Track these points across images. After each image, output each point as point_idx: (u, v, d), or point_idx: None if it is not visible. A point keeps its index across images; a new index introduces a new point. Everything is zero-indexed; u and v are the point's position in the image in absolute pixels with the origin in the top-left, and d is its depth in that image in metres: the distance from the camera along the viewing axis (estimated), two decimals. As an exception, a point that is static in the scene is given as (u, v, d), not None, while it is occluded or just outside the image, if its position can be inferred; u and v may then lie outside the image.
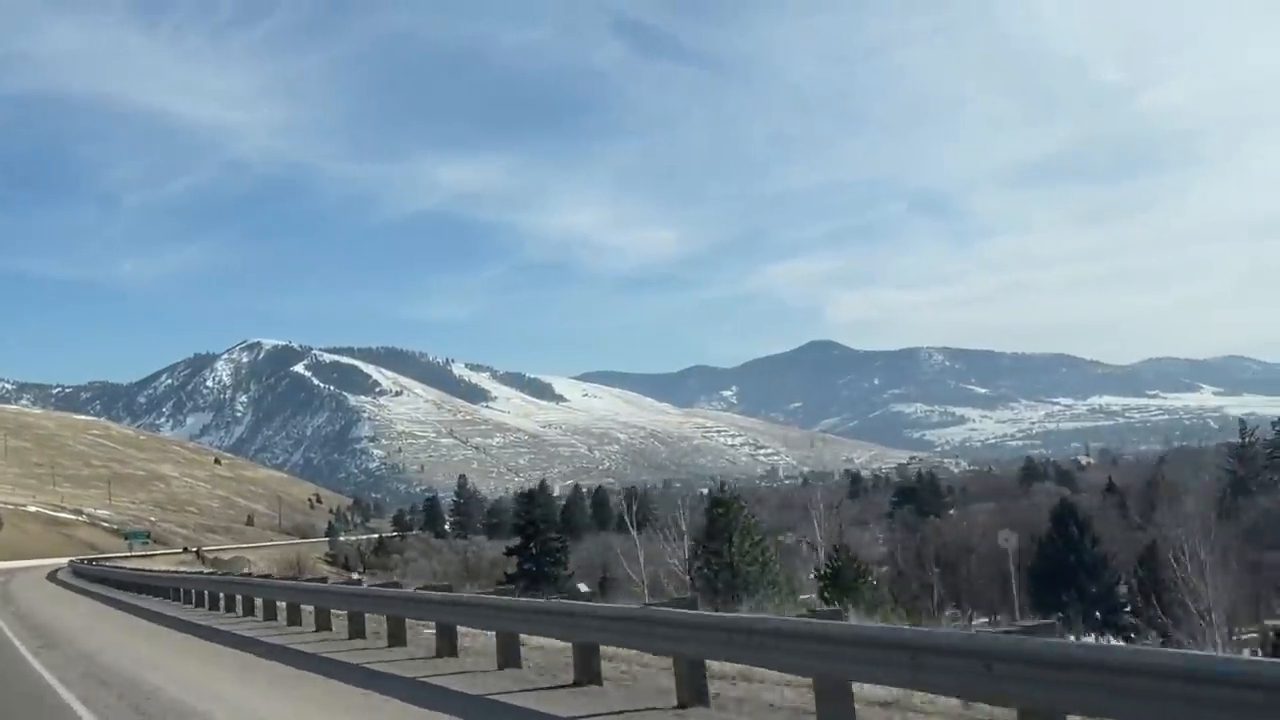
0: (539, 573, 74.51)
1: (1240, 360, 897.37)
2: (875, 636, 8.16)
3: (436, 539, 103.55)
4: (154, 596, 35.65)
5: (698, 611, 10.85)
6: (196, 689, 13.22)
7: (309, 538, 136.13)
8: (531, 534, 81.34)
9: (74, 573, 59.55)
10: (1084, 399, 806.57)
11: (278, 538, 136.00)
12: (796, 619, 10.02)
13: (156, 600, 34.11)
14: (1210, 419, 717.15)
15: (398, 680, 13.00)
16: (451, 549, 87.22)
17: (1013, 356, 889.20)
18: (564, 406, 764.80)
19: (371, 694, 12.10)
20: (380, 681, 12.92)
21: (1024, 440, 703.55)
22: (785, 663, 9.03)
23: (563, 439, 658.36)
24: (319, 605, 20.20)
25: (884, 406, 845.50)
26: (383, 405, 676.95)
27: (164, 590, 35.32)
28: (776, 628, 9.05)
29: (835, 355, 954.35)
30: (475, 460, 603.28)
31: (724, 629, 9.64)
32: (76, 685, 14.14)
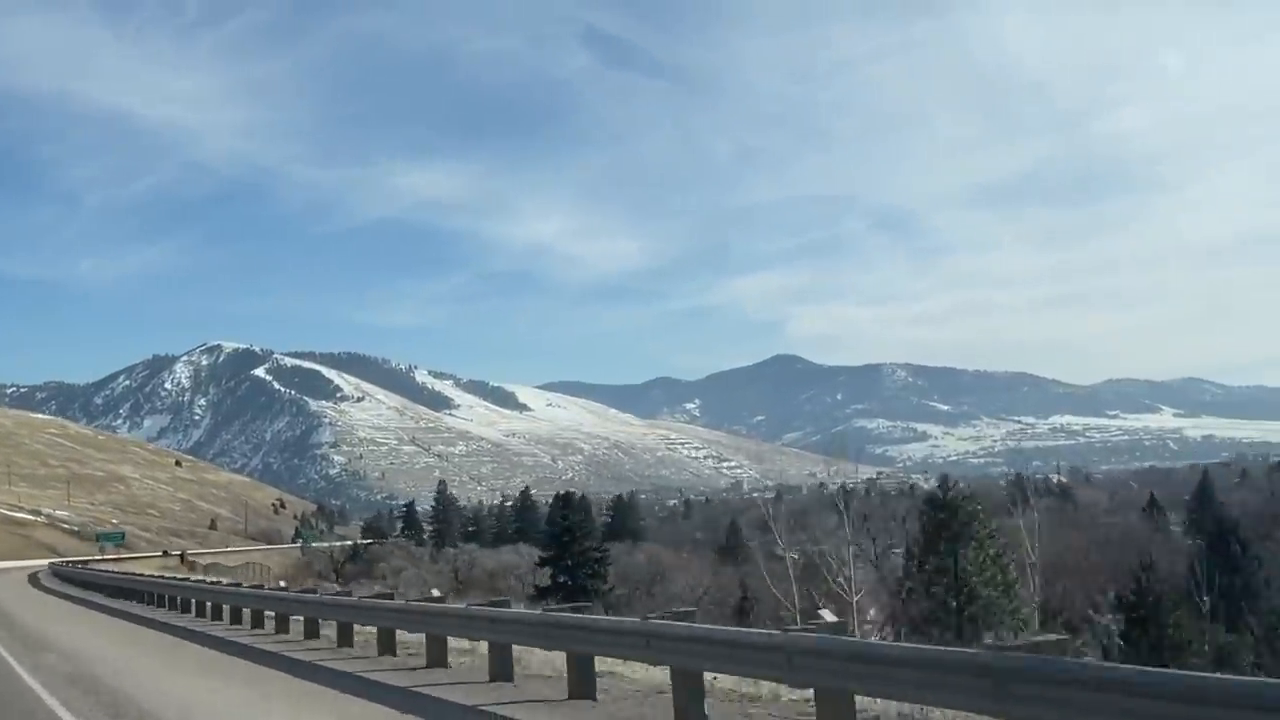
0: (575, 586, 68.82)
1: (1199, 383, 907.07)
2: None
3: (418, 547, 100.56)
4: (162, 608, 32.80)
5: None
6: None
7: (276, 543, 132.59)
8: (568, 543, 74.90)
9: (57, 576, 56.77)
10: (1045, 418, 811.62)
11: (243, 543, 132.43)
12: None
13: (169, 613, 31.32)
14: (1170, 440, 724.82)
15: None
16: (442, 558, 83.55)
17: (975, 374, 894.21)
18: (528, 416, 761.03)
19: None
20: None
21: (986, 458, 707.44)
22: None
23: (526, 448, 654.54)
24: (378, 624, 17.37)
25: (846, 421, 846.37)
26: (344, 411, 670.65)
27: (177, 601, 32.11)
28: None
29: (798, 369, 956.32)
30: (438, 468, 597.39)
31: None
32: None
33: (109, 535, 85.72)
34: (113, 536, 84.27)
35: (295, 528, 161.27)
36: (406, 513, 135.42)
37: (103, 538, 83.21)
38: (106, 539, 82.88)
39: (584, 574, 72.25)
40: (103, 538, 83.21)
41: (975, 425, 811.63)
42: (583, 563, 73.86)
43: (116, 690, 13.83)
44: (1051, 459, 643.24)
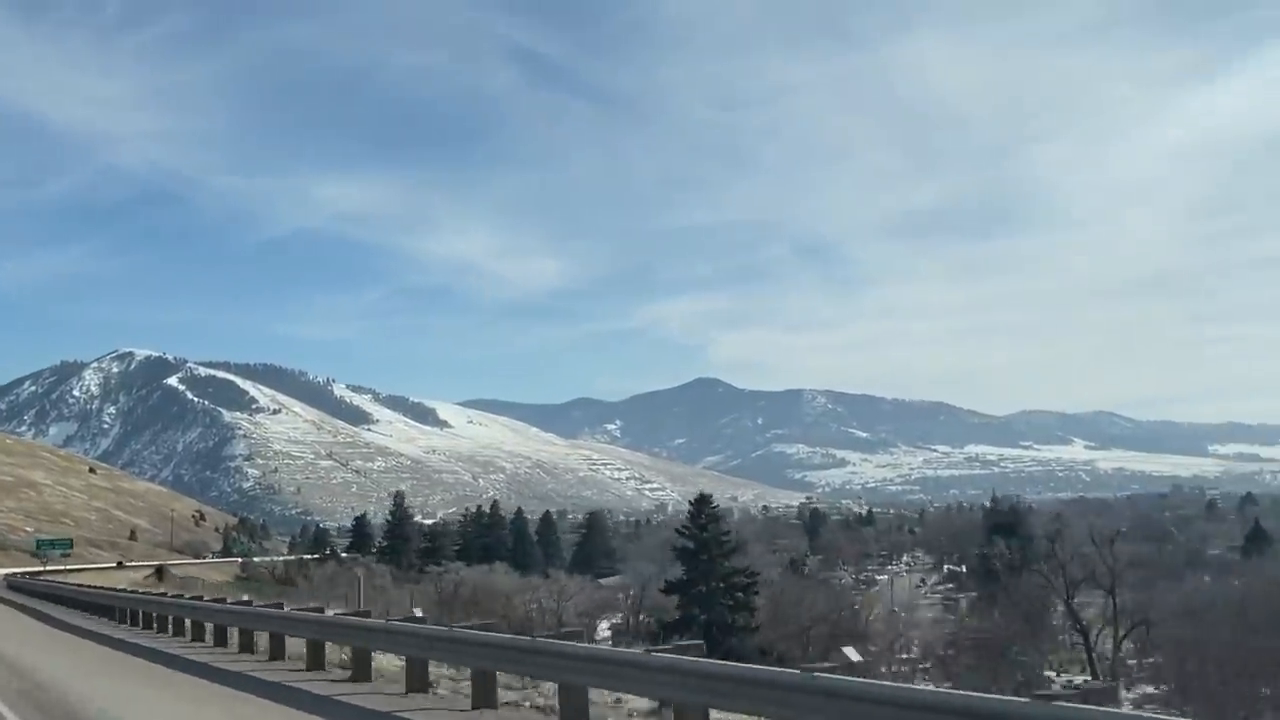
0: (712, 621, 55.61)
1: (1110, 416, 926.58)
2: None
3: (380, 564, 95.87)
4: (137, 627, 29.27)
5: None
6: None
7: (203, 556, 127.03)
8: (704, 563, 59.92)
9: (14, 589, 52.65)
10: (961, 447, 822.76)
11: (169, 555, 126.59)
12: None
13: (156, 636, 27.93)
14: (1082, 471, 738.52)
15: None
16: (426, 577, 78.82)
17: (893, 402, 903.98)
18: (448, 433, 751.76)
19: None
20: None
21: (903, 485, 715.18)
22: None
23: (446, 465, 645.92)
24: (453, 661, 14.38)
25: (766, 446, 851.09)
26: (259, 423, 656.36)
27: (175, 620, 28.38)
28: None
29: (719, 393, 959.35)
30: (355, 484, 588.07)
31: None
32: None
33: (54, 541, 77.09)
34: (59, 544, 75.85)
35: (224, 541, 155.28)
36: (357, 525, 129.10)
37: (45, 545, 75.04)
38: (51, 546, 74.88)
39: (723, 606, 57.42)
40: (45, 545, 75.04)
41: (893, 453, 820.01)
42: (721, 591, 58.28)
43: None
44: (967, 487, 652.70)
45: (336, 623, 17.49)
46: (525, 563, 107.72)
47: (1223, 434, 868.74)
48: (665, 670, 9.75)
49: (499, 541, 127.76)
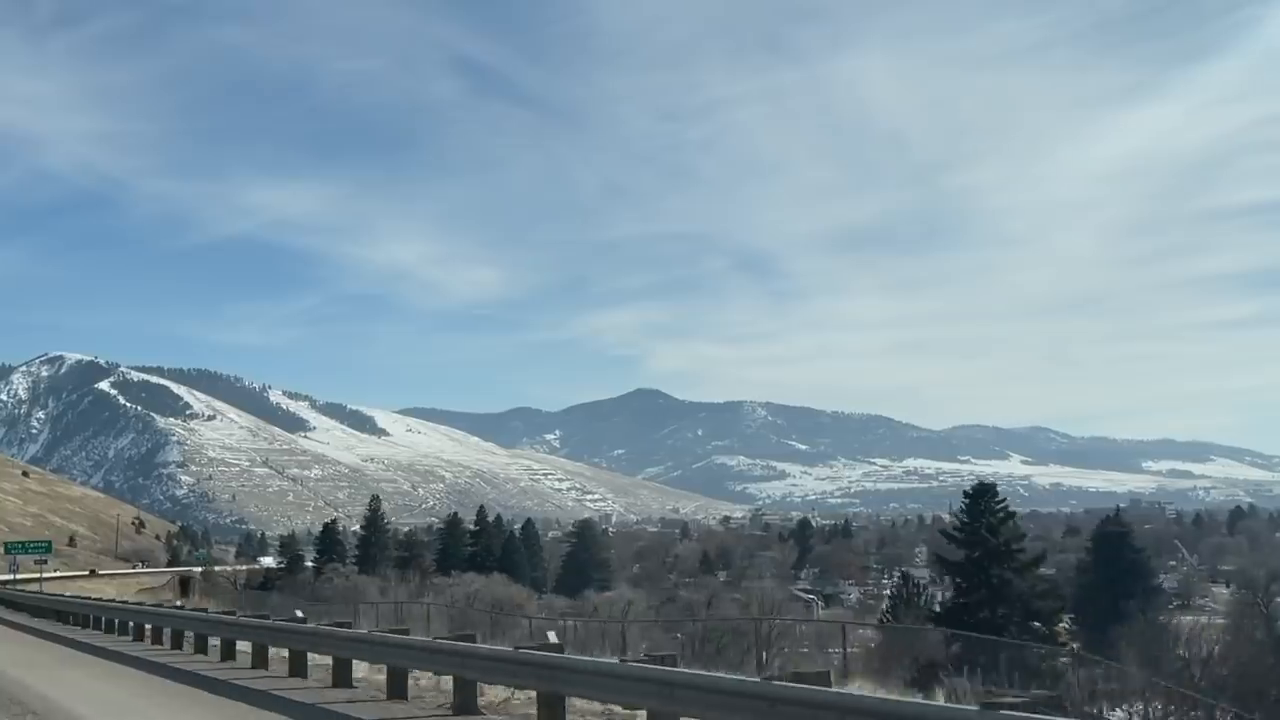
0: (997, 623, 40.90)
1: (1045, 432, 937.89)
2: None
3: (363, 574, 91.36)
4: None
5: None
6: None
7: (152, 565, 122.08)
8: (990, 553, 45.99)
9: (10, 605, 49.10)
10: (900, 460, 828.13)
11: (115, 563, 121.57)
12: None
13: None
14: (1020, 486, 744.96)
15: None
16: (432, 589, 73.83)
17: (832, 415, 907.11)
18: (386, 441, 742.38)
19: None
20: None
21: (843, 498, 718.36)
22: None
23: (385, 474, 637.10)
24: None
25: (707, 458, 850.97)
26: (194, 429, 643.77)
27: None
28: None
29: (660, 404, 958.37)
30: (291, 492, 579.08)
31: None
32: None
33: (25, 545, 64.21)
34: (33, 546, 61.92)
35: (170, 549, 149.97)
36: (325, 532, 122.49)
37: (13, 548, 63.00)
38: (22, 549, 62.38)
39: (1015, 612, 43.98)
40: (13, 548, 63.00)
41: (833, 465, 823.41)
42: (1018, 595, 44.66)
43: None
44: (907, 500, 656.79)
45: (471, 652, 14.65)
46: (516, 574, 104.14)
47: (1155, 450, 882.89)
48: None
49: (485, 551, 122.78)
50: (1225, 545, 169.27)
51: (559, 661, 12.13)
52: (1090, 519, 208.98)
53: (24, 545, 65.88)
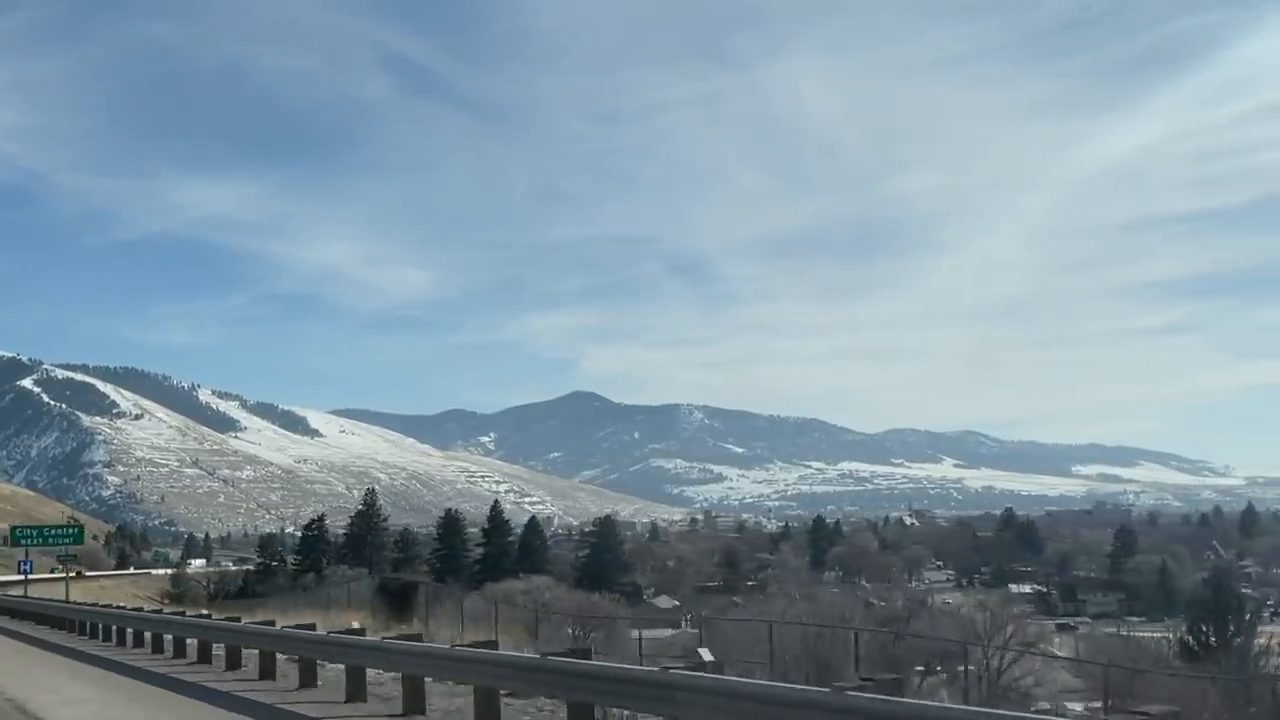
0: None
1: (976, 435, 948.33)
2: None
3: (382, 574, 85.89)
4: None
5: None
6: None
7: (100, 568, 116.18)
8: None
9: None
10: (835, 464, 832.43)
11: (57, 565, 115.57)
12: None
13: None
14: (953, 490, 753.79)
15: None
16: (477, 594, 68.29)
17: (768, 419, 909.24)
18: (319, 442, 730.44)
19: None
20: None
21: (780, 501, 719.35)
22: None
23: (319, 476, 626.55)
24: None
25: (644, 461, 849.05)
26: (120, 428, 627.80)
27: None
28: None
29: (596, 407, 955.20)
30: (223, 493, 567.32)
31: None
32: None
33: (52, 532, 50.39)
34: (62, 533, 49.93)
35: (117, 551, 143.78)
36: (308, 531, 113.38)
37: (25, 536, 49.68)
38: (42, 538, 49.63)
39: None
40: (25, 536, 49.68)
41: (769, 469, 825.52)
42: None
43: None
44: (843, 503, 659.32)
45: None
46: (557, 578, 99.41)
47: (1084, 455, 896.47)
48: None
49: (499, 552, 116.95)
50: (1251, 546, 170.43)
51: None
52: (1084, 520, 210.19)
53: (41, 532, 50.85)
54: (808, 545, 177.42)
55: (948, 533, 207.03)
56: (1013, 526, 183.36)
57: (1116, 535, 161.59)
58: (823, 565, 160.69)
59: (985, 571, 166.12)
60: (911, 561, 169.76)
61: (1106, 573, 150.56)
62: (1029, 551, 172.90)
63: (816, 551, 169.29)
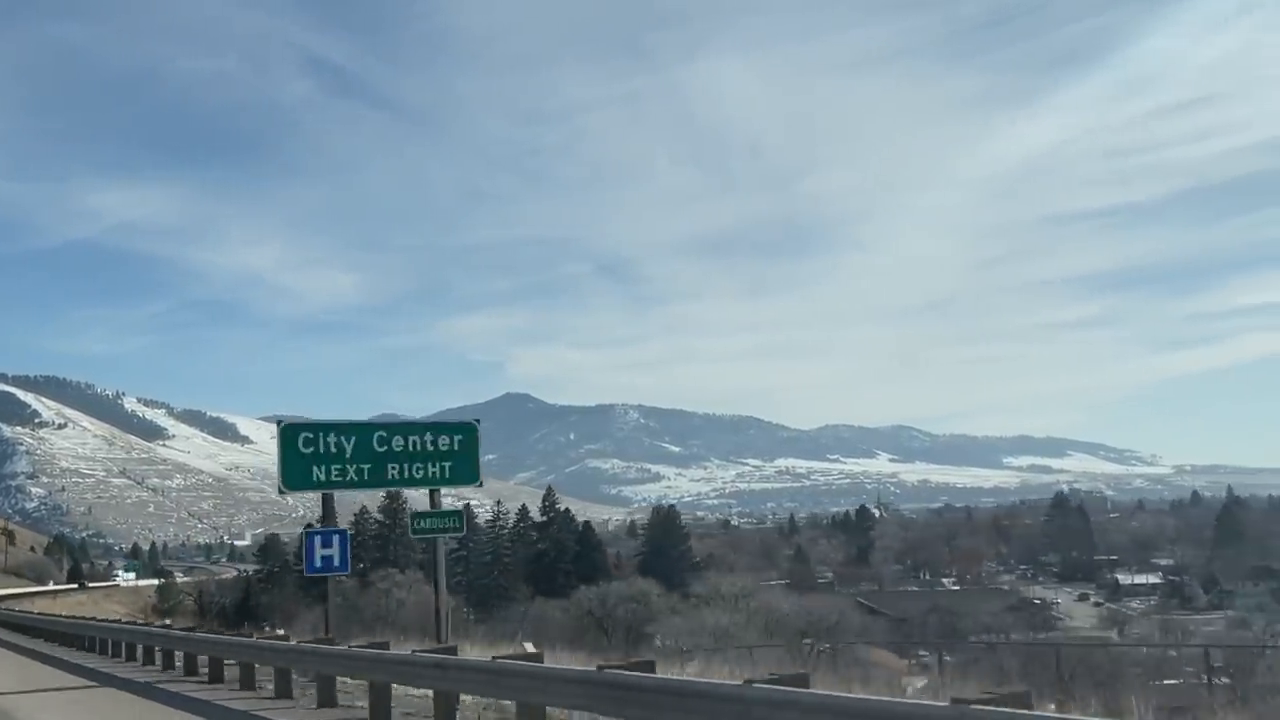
0: None
1: (908, 430, 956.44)
2: None
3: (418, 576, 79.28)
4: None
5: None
6: None
7: (46, 581, 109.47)
8: None
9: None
10: (772, 460, 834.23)
11: (15, 581, 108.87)
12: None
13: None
14: (889, 484, 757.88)
15: None
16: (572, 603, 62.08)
17: (704, 417, 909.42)
18: (250, 449, 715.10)
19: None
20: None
21: (719, 498, 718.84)
22: None
23: (252, 483, 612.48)
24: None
25: (581, 461, 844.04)
26: (43, 438, 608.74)
27: None
28: None
29: (530, 408, 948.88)
30: (152, 503, 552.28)
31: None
32: None
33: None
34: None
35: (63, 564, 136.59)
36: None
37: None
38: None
39: None
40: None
41: (706, 467, 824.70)
42: None
43: None
44: (782, 500, 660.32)
45: None
46: (590, 575, 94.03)
47: (1014, 447, 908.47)
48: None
49: (559, 548, 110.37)
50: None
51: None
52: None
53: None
54: (847, 539, 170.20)
55: (987, 524, 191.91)
56: (1066, 513, 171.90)
57: (1220, 520, 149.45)
58: (868, 560, 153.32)
59: (1050, 561, 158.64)
60: (971, 555, 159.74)
61: (1204, 560, 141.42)
62: (1086, 540, 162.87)
63: (862, 547, 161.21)
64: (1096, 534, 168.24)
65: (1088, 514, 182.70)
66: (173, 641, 24.60)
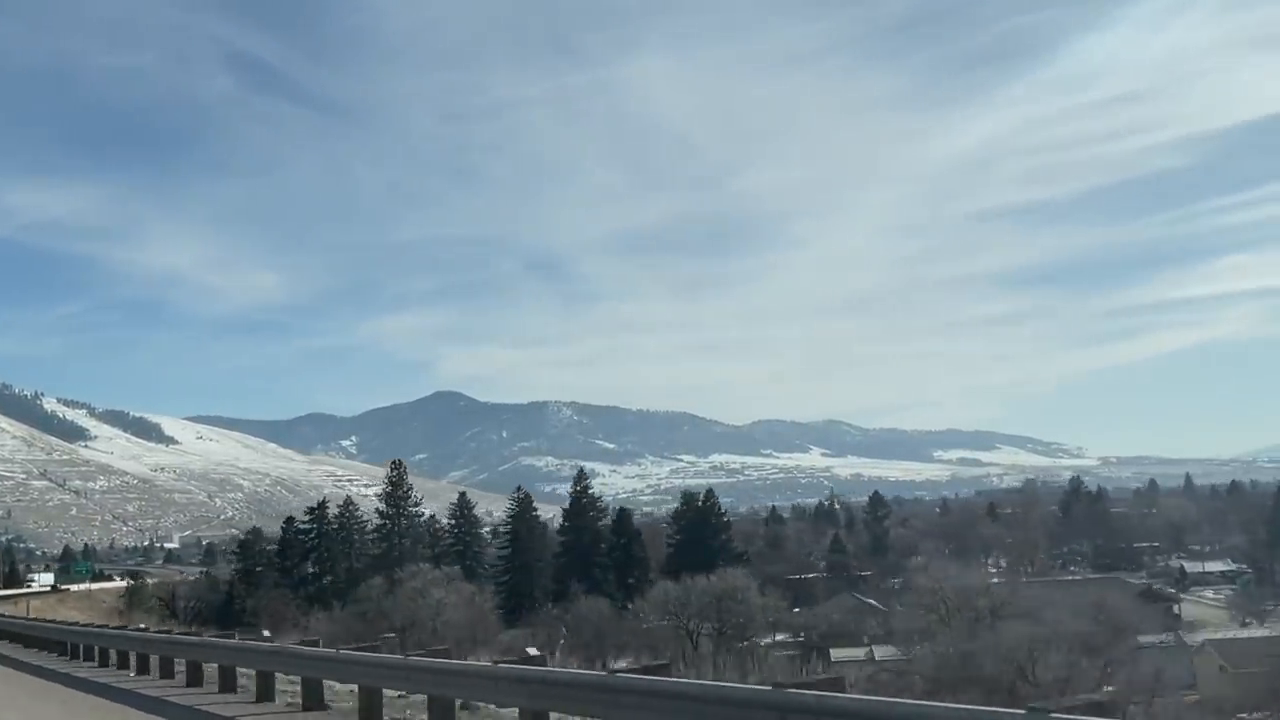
0: None
1: (840, 425, 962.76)
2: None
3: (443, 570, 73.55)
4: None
5: None
6: None
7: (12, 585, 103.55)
8: None
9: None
10: (706, 456, 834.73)
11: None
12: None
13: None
14: (823, 478, 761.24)
15: None
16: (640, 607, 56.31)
17: (638, 413, 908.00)
18: (175, 449, 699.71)
19: None
20: None
21: (654, 495, 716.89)
22: None
23: (177, 484, 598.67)
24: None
25: (514, 459, 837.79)
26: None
27: None
28: None
29: (461, 407, 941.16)
30: (75, 506, 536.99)
31: None
32: None
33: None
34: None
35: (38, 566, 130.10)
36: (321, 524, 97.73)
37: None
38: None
39: None
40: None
41: (641, 464, 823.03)
42: None
43: None
44: (721, 496, 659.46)
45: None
46: (628, 569, 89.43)
47: (944, 441, 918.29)
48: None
49: (594, 538, 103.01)
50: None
51: None
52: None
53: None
54: (861, 529, 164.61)
55: (982, 514, 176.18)
56: (1080, 500, 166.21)
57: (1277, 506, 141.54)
58: (885, 550, 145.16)
59: (1069, 552, 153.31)
60: (1026, 544, 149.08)
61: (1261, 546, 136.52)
62: (1107, 528, 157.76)
63: (876, 535, 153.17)
64: (1114, 522, 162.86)
65: (1105, 501, 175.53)
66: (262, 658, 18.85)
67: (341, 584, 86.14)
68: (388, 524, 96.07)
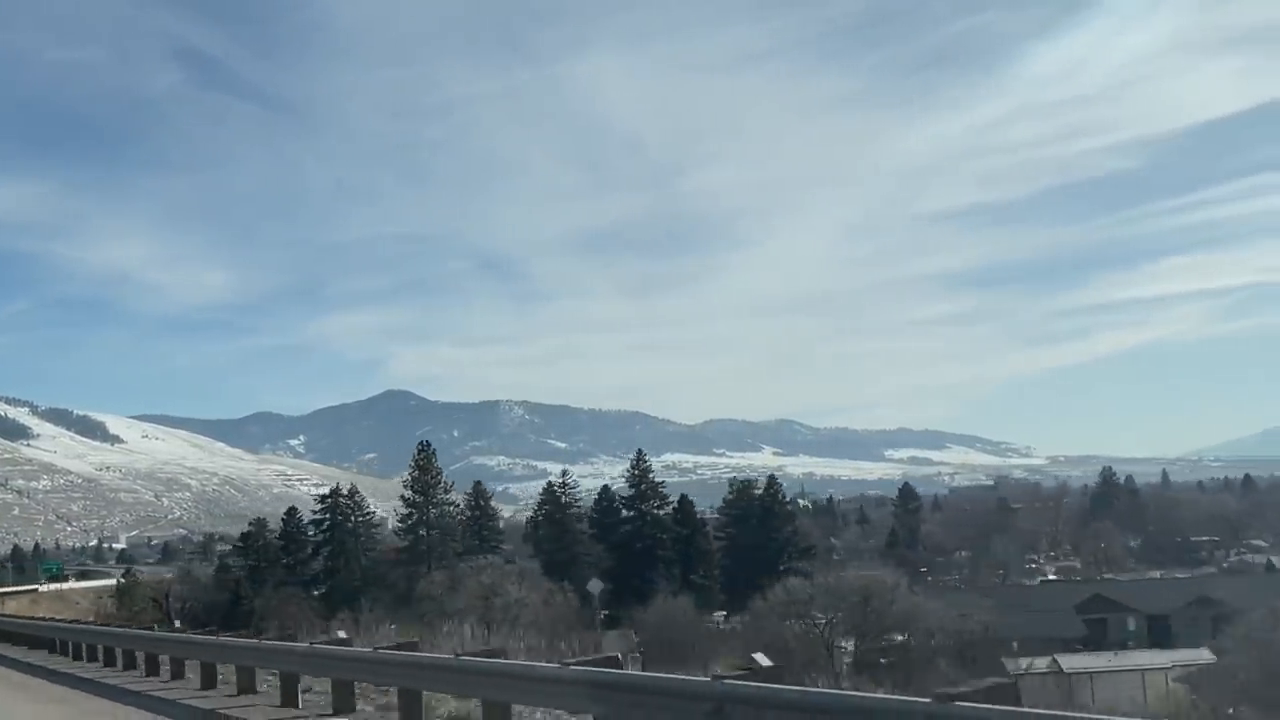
0: None
1: (791, 424, 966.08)
2: None
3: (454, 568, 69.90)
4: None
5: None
6: None
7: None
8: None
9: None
10: (658, 455, 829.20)
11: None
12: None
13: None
14: (777, 477, 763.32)
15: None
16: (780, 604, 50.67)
17: (590, 412, 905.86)
18: (121, 448, 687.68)
19: None
20: None
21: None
22: None
23: (123, 484, 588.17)
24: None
25: (465, 459, 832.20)
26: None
27: None
28: None
29: (411, 406, 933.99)
30: (17, 506, 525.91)
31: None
32: None
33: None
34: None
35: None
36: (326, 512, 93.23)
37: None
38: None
39: None
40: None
41: (593, 463, 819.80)
42: None
43: None
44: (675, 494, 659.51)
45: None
46: (691, 563, 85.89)
47: (894, 440, 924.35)
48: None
49: (657, 528, 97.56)
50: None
51: None
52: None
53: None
54: (863, 524, 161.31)
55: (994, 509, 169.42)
56: (1116, 494, 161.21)
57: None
58: (898, 545, 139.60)
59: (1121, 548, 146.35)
60: (1093, 537, 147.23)
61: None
62: (1144, 522, 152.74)
63: (911, 529, 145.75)
64: (1148, 515, 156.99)
65: (1139, 494, 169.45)
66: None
67: (358, 582, 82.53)
68: (414, 513, 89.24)
